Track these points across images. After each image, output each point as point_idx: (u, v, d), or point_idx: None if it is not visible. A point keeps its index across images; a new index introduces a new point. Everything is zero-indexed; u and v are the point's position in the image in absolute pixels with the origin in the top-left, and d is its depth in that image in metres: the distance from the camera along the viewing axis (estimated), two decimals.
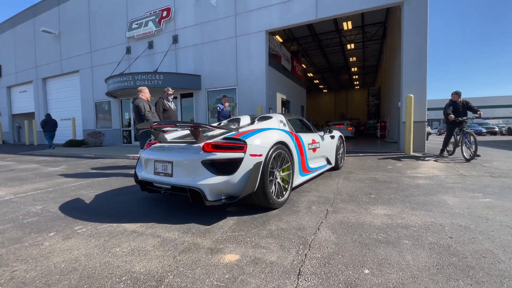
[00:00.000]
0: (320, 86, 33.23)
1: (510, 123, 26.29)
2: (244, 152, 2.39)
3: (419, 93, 7.02)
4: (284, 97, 11.92)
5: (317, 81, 29.76)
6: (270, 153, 2.59)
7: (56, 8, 14.33)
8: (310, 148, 3.76)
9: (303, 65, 20.71)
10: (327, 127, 4.66)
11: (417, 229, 2.03)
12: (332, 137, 4.70)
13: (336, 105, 36.80)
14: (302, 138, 3.56)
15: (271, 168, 2.64)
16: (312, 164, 3.80)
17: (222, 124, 4.03)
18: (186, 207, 2.84)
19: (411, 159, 5.97)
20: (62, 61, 14.32)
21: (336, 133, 4.98)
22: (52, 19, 14.48)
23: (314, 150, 3.90)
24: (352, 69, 25.31)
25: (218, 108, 6.57)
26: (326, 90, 36.16)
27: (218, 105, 6.61)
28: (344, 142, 5.37)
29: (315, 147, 3.96)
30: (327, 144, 4.46)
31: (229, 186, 2.35)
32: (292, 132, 3.42)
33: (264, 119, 3.58)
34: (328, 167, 4.45)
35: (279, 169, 2.79)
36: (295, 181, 3.16)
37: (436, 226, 2.09)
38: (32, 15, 15.56)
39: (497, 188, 3.23)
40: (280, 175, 2.80)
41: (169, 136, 3.32)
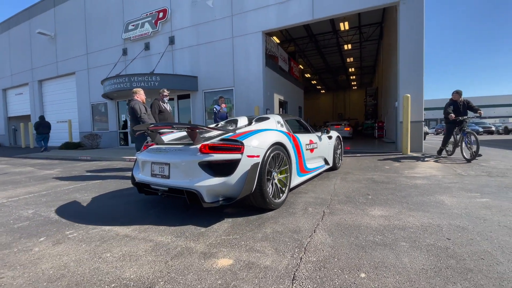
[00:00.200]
0: (318, 87, 33.29)
1: (507, 122, 26.43)
2: (242, 153, 2.36)
3: (415, 93, 7.02)
4: (282, 97, 11.90)
5: (315, 81, 29.81)
6: (267, 154, 2.56)
7: (52, 10, 14.24)
8: (307, 149, 3.74)
9: (301, 66, 20.71)
10: (324, 128, 4.64)
11: (415, 231, 2.00)
12: (330, 138, 4.68)
13: (334, 105, 36.87)
14: (300, 139, 3.54)
15: (269, 169, 2.61)
16: (310, 165, 3.77)
17: (219, 126, 4.00)
18: (182, 209, 2.80)
19: (409, 160, 5.95)
20: (58, 63, 14.21)
21: (334, 134, 4.96)
22: (48, 20, 14.38)
23: (311, 150, 3.88)
24: (350, 70, 25.36)
25: (215, 109, 6.53)
26: (324, 91, 36.22)
27: (215, 107, 6.57)
28: (342, 143, 5.35)
29: (313, 147, 3.94)
30: (325, 145, 4.44)
31: (226, 188, 2.32)
32: (289, 132, 3.39)
33: (261, 120, 3.55)
34: (326, 167, 4.43)
35: (277, 170, 2.77)
36: (293, 181, 3.13)
37: (433, 227, 2.06)
38: (27, 17, 15.45)
39: (494, 188, 3.22)
40: (277, 176, 2.77)
41: (166, 138, 3.28)
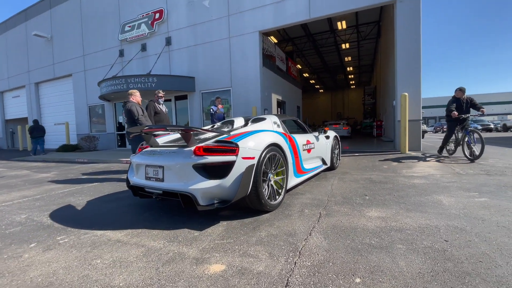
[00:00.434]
0: (316, 86, 33.26)
1: (505, 119, 26.45)
2: (236, 155, 2.32)
3: (413, 91, 6.99)
4: (280, 97, 11.86)
5: (313, 81, 29.78)
6: (263, 155, 2.52)
7: (48, 12, 14.16)
8: (304, 149, 3.70)
9: (299, 65, 20.69)
10: (321, 128, 4.61)
11: (412, 232, 1.97)
12: (327, 137, 4.65)
13: (332, 104, 36.86)
14: (296, 139, 3.50)
15: (265, 170, 2.57)
16: (307, 165, 3.74)
17: (216, 126, 3.96)
18: (178, 211, 2.76)
19: (409, 159, 5.92)
20: (54, 65, 14.14)
21: (331, 133, 4.92)
22: (44, 22, 14.30)
23: (309, 151, 3.85)
24: (348, 69, 25.34)
25: (212, 110, 6.48)
26: (322, 90, 36.20)
27: (212, 107, 6.52)
28: (340, 142, 5.32)
29: (310, 147, 3.91)
30: (322, 145, 4.41)
31: (221, 190, 2.28)
32: (286, 133, 3.35)
33: (257, 120, 3.51)
34: (323, 167, 4.39)
35: (273, 171, 2.73)
36: (290, 182, 3.09)
37: (431, 228, 2.03)
38: (24, 19, 15.36)
39: (493, 187, 3.18)
40: (274, 178, 2.74)
41: (161, 140, 3.24)
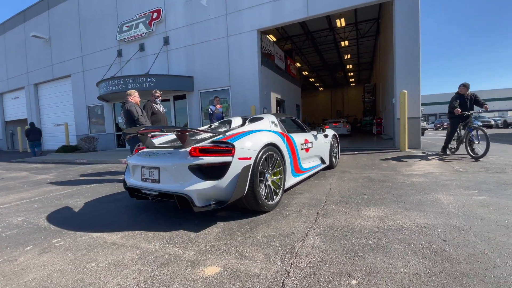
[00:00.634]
0: (316, 84, 33.17)
1: (506, 116, 26.38)
2: (232, 156, 2.30)
3: (412, 89, 6.95)
4: (279, 96, 11.82)
5: (313, 79, 29.70)
6: (259, 155, 2.50)
7: (46, 13, 14.12)
8: (302, 148, 3.68)
9: (298, 64, 20.64)
10: (320, 127, 4.59)
11: (409, 232, 1.95)
12: (326, 136, 4.62)
13: (332, 102, 36.78)
14: (294, 139, 3.48)
15: (262, 170, 2.55)
16: (305, 164, 3.72)
17: (213, 126, 3.94)
18: (174, 212, 2.75)
19: (409, 158, 5.89)
20: (53, 66, 14.11)
21: (330, 132, 4.90)
22: (42, 23, 14.26)
23: (307, 150, 3.82)
24: (347, 66, 25.25)
25: (210, 110, 6.45)
26: (322, 88, 36.10)
27: (210, 107, 6.49)
28: (338, 141, 5.29)
29: (308, 147, 3.88)
30: (321, 143, 4.38)
31: (217, 191, 2.26)
32: (283, 133, 3.33)
33: (255, 120, 3.49)
34: (322, 166, 4.37)
35: (270, 171, 2.71)
36: (288, 182, 3.08)
37: (429, 228, 2.01)
38: (22, 20, 15.32)
39: (492, 185, 3.16)
40: (271, 178, 2.72)
41: (157, 141, 3.23)
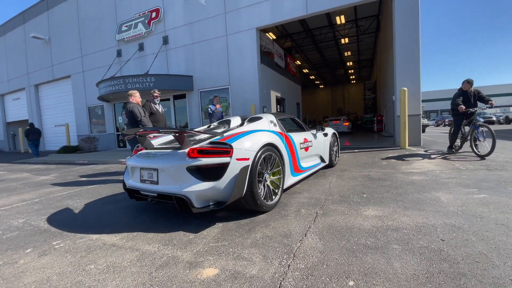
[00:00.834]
0: (316, 82, 33.06)
1: (508, 112, 26.20)
2: (230, 157, 2.30)
3: (413, 86, 6.91)
4: (279, 94, 11.80)
5: (313, 76, 29.59)
6: (258, 156, 2.50)
7: (45, 14, 14.11)
8: (302, 148, 3.67)
9: (298, 61, 20.55)
10: (319, 125, 4.58)
11: (408, 232, 1.94)
12: (325, 135, 4.61)
13: (333, 100, 36.65)
14: (293, 138, 3.48)
15: (260, 171, 2.55)
16: (304, 164, 3.71)
17: (212, 126, 3.94)
18: (174, 213, 2.76)
19: (409, 157, 5.87)
20: (53, 66, 14.12)
21: (329, 130, 4.88)
22: (42, 24, 14.26)
23: (306, 149, 3.82)
24: (348, 64, 25.13)
25: (210, 110, 6.44)
26: (322, 86, 35.98)
27: (210, 106, 6.48)
28: (338, 139, 5.28)
29: (307, 146, 3.88)
30: (320, 142, 4.37)
31: (216, 192, 2.27)
32: (282, 132, 3.32)
33: (254, 120, 3.48)
34: (322, 165, 4.37)
35: (269, 171, 2.71)
36: (287, 182, 3.08)
37: (428, 227, 2.00)
38: (22, 21, 15.32)
39: (493, 182, 3.14)
40: (270, 178, 2.72)
41: (156, 142, 3.22)
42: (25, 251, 2.09)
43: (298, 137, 3.64)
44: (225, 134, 2.67)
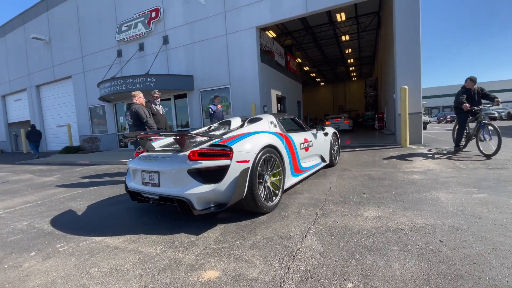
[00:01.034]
0: (317, 79, 32.96)
1: (510, 108, 26.03)
2: (231, 159, 2.33)
3: (413, 84, 6.89)
4: (279, 93, 11.79)
5: (314, 74, 29.49)
6: (258, 158, 2.52)
7: (45, 14, 14.12)
8: (302, 148, 3.69)
9: (299, 59, 20.49)
10: (319, 125, 4.58)
11: (407, 233, 1.96)
12: (326, 134, 4.62)
13: (334, 97, 36.54)
14: (294, 139, 3.49)
15: (260, 172, 2.57)
16: (305, 164, 3.73)
17: (213, 127, 3.96)
18: (175, 215, 2.79)
19: (410, 156, 5.87)
20: (54, 67, 14.16)
21: (330, 130, 4.89)
22: (42, 25, 14.28)
23: (306, 149, 3.83)
24: (349, 61, 25.03)
25: (211, 110, 6.45)
26: (323, 83, 35.86)
27: (211, 106, 6.49)
28: (339, 138, 5.28)
29: (308, 146, 3.89)
30: (321, 142, 4.39)
31: (217, 194, 2.29)
32: (282, 133, 3.34)
33: (254, 121, 3.50)
34: (322, 164, 4.38)
35: (269, 173, 2.73)
36: (287, 182, 3.09)
37: (427, 228, 2.02)
38: (22, 22, 15.35)
39: (493, 181, 3.15)
40: (270, 179, 2.74)
41: (157, 144, 3.25)
42: (30, 254, 2.13)
43: (298, 138, 3.66)
44: (225, 137, 2.69)
